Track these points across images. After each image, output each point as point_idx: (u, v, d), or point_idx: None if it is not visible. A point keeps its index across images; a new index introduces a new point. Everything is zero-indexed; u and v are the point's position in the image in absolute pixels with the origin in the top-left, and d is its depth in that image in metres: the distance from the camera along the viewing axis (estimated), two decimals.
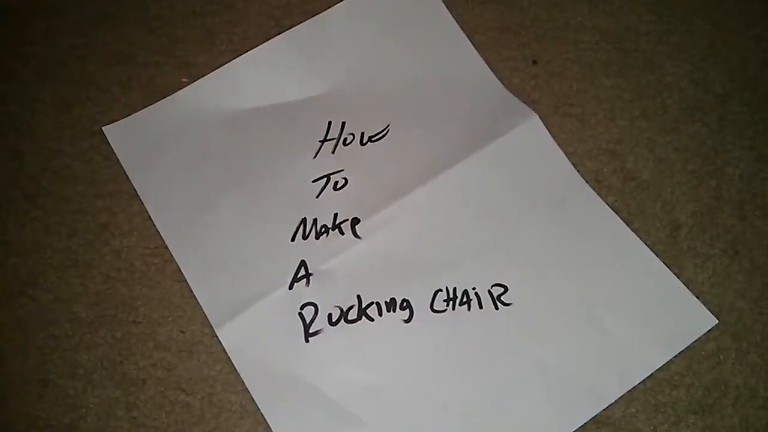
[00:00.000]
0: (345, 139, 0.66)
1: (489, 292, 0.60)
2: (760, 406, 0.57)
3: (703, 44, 0.72)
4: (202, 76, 0.68)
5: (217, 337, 0.58)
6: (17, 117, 0.68)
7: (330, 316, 0.59)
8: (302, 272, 0.60)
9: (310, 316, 0.59)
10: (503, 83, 0.69)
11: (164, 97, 0.68)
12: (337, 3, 0.71)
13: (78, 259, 0.62)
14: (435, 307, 0.59)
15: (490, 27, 0.72)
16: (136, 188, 0.64)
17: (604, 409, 0.56)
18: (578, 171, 0.65)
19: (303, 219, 0.62)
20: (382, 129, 0.66)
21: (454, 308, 0.59)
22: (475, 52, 0.70)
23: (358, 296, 0.59)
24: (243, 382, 0.57)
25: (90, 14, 0.73)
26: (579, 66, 0.71)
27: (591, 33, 0.72)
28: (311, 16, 0.71)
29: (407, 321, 0.59)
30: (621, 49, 0.72)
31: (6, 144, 0.66)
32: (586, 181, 0.64)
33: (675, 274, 0.61)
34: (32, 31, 0.72)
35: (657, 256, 0.61)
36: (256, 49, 0.69)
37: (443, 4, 0.71)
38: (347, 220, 0.62)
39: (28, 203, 0.64)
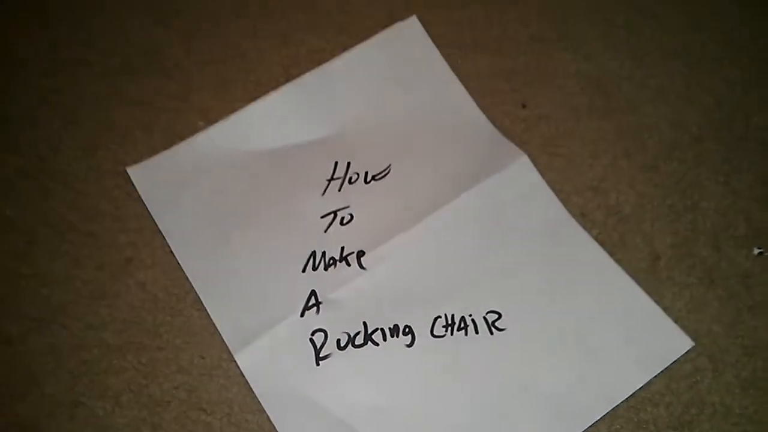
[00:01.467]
0: (350, 178, 0.71)
1: (484, 318, 0.65)
2: (734, 423, 0.62)
3: (680, 87, 0.77)
4: (218, 121, 0.73)
5: (234, 361, 0.63)
6: (47, 160, 0.73)
7: (338, 341, 0.64)
8: (312, 301, 0.65)
9: (320, 342, 0.63)
10: (495, 126, 0.74)
11: (183, 141, 0.73)
12: (342, 53, 0.77)
13: (105, 290, 0.67)
14: (435, 333, 0.64)
15: (483, 74, 0.77)
16: (158, 225, 0.69)
17: (590, 426, 0.61)
18: (565, 206, 0.70)
19: (312, 252, 0.67)
20: (384, 169, 0.72)
21: (452, 333, 0.64)
22: (469, 97, 0.75)
23: (364, 323, 0.64)
24: (259, 402, 0.61)
25: (113, 64, 0.78)
26: (565, 109, 0.76)
27: (576, 79, 0.78)
28: (318, 65, 0.76)
29: (409, 345, 0.64)
30: (604, 93, 0.77)
31: (37, 185, 0.72)
32: (572, 216, 0.69)
33: (655, 301, 0.65)
34: (59, 80, 0.77)
35: (638, 284, 0.66)
36: (267, 96, 0.75)
37: (439, 53, 0.77)
38: (353, 252, 0.67)
39: (59, 239, 0.69)
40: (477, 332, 0.64)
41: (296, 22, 0.81)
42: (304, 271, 0.67)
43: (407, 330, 0.64)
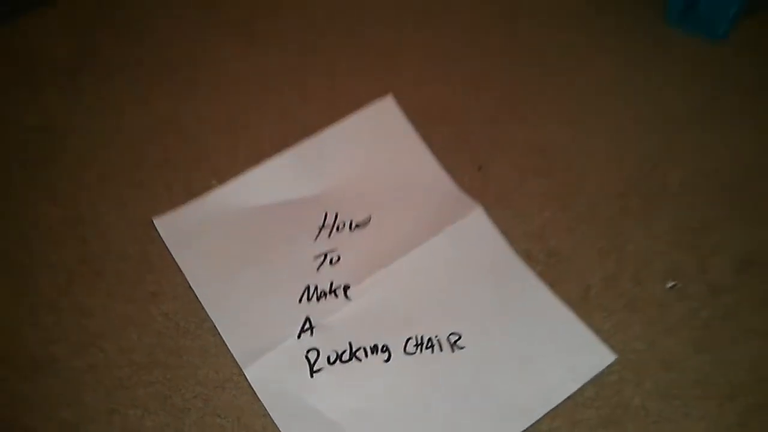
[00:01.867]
0: (338, 227, 0.86)
1: (447, 339, 0.78)
2: (653, 422, 0.74)
3: (611, 150, 0.93)
4: (228, 180, 0.89)
5: (244, 375, 0.76)
6: (85, 213, 0.87)
7: (329, 357, 0.77)
8: (307, 326, 0.79)
9: (314, 358, 0.77)
10: (456, 183, 0.89)
11: (200, 196, 0.87)
12: (330, 125, 0.93)
13: (135, 319, 0.80)
14: (407, 351, 0.78)
15: (447, 141, 0.93)
16: (179, 265, 0.83)
17: (533, 424, 0.74)
18: (513, 249, 0.84)
19: (307, 286, 0.82)
20: (366, 219, 0.87)
21: (421, 351, 0.78)
22: (435, 160, 0.91)
23: (350, 343, 0.78)
24: (265, 408, 0.74)
25: (139, 131, 0.94)
26: (514, 170, 0.91)
27: (524, 145, 0.93)
28: (311, 134, 0.92)
29: (386, 361, 0.77)
30: (547, 157, 0.92)
31: (76, 234, 0.86)
32: (519, 257, 0.84)
33: (586, 324, 0.79)
34: (96, 143, 0.93)
35: (572, 311, 0.80)
36: (269, 160, 0.90)
37: (410, 125, 0.93)
38: (340, 286, 0.81)
39: (95, 277, 0.83)
40: (441, 350, 0.78)
41: (292, 99, 0.97)
42: (300, 301, 0.81)
43: (384, 348, 0.78)
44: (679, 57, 1.03)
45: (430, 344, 0.78)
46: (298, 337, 0.78)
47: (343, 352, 0.78)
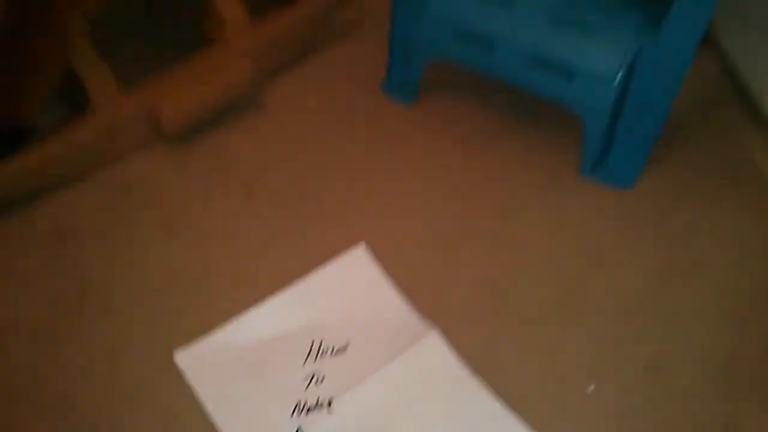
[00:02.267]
0: (322, 352, 1.06)
1: None
2: None
3: (535, 278, 1.15)
4: (234, 315, 1.10)
5: None
6: (116, 346, 1.08)
7: None
8: None
9: None
10: (417, 312, 1.11)
11: (210, 332, 1.08)
12: (313, 270, 1.16)
13: None
14: None
15: (409, 280, 1.15)
16: (194, 389, 1.02)
17: None
18: (466, 365, 1.04)
19: (298, 401, 1.01)
20: (344, 345, 1.07)
21: None
22: (400, 295, 1.13)
23: None
24: None
25: (158, 280, 1.16)
26: (464, 304, 1.13)
27: (471, 279, 1.15)
28: (299, 277, 1.15)
29: None
30: (488, 286, 1.15)
31: (109, 366, 1.06)
32: (472, 373, 1.03)
33: (524, 423, 0.97)
34: (122, 296, 1.15)
35: (513, 412, 0.98)
36: (265, 301, 1.11)
37: (379, 268, 1.16)
38: (325, 401, 1.01)
39: (127, 400, 1.02)
40: None
41: (284, 248, 1.20)
42: (292, 415, 1.00)
43: None
44: (592, 202, 1.27)
45: None
46: None
47: None
